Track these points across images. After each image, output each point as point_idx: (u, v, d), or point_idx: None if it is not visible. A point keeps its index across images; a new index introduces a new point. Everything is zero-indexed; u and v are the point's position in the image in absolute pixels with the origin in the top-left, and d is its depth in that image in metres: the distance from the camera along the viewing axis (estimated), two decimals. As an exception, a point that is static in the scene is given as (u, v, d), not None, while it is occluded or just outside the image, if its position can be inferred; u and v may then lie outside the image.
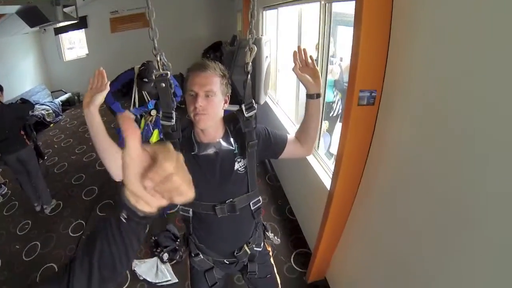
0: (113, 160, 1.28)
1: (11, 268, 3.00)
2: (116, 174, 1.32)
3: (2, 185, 4.36)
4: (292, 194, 3.38)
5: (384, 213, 1.65)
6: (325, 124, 3.13)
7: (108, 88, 1.22)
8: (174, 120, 1.24)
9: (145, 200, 0.54)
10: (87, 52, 8.35)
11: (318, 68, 2.30)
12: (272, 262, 1.72)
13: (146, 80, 2.84)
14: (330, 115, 3.28)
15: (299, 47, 1.31)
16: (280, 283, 1.73)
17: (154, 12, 1.13)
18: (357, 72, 1.46)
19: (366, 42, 1.41)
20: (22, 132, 3.51)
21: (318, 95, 1.32)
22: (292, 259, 2.74)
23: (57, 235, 3.35)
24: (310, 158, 2.56)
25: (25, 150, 3.53)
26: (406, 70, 1.35)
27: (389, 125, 1.53)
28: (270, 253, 1.71)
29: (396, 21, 1.37)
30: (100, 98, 1.20)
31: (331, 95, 3.19)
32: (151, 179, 0.49)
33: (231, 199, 1.32)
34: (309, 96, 1.33)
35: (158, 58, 1.20)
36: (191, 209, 1.38)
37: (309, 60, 1.30)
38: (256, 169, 1.38)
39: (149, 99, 3.14)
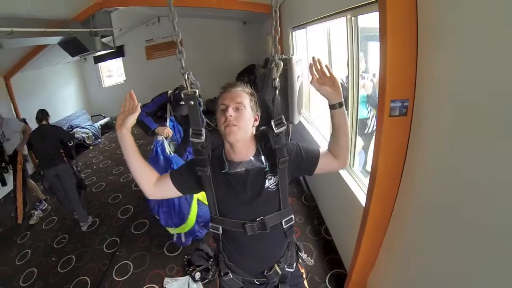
0: (145, 178, 1.36)
1: (46, 278, 3.13)
2: (149, 192, 1.39)
3: (43, 201, 4.63)
4: (328, 213, 3.30)
5: (422, 232, 1.55)
6: (361, 141, 3.07)
7: (139, 110, 1.27)
8: (203, 137, 1.25)
9: None
10: (124, 78, 8.80)
11: (349, 84, 2.30)
12: (306, 285, 1.64)
13: (182, 103, 2.94)
14: (365, 131, 3.22)
15: (313, 58, 1.31)
16: None
17: (180, 35, 1.17)
18: (387, 81, 1.42)
19: (393, 50, 1.39)
20: (62, 151, 3.86)
21: (341, 104, 1.29)
22: (327, 280, 2.63)
23: (91, 250, 3.47)
24: (345, 176, 2.50)
25: (63, 166, 3.86)
26: (438, 77, 1.30)
27: (424, 136, 1.46)
28: (304, 276, 1.64)
29: (422, 25, 1.35)
30: (132, 119, 1.26)
31: (365, 112, 3.14)
32: None
33: (262, 217, 1.30)
34: (332, 107, 1.30)
35: (186, 77, 1.22)
36: (221, 227, 1.37)
37: (325, 69, 1.28)
38: (292, 190, 1.36)
39: (179, 123, 3.26)
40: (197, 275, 2.76)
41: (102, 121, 8.34)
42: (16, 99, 5.88)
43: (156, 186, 1.37)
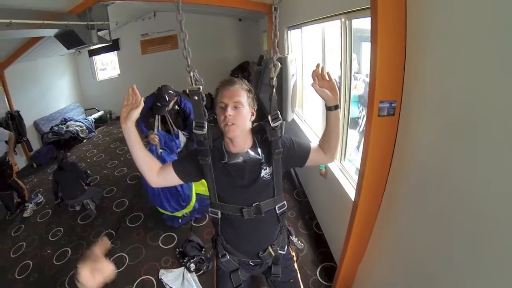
0: (149, 168, 1.46)
1: (42, 271, 3.17)
2: (152, 180, 1.48)
3: (39, 194, 4.65)
4: (319, 208, 3.39)
5: (409, 224, 1.64)
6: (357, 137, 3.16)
7: (142, 104, 1.33)
8: (205, 129, 1.36)
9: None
10: (119, 72, 8.79)
11: (342, 84, 2.38)
12: (296, 267, 1.77)
13: (159, 104, 3.01)
14: (356, 130, 3.30)
15: (318, 64, 1.40)
16: (300, 280, 1.77)
17: (187, 34, 1.27)
18: (376, 83, 1.52)
19: (383, 54, 1.48)
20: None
21: (337, 107, 1.39)
22: (318, 273, 2.74)
23: (87, 243, 3.51)
24: (337, 172, 2.59)
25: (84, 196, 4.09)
26: (424, 80, 1.39)
27: (410, 135, 1.55)
28: (294, 258, 1.77)
29: (411, 31, 1.43)
30: (136, 113, 1.33)
31: (357, 111, 3.22)
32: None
33: (258, 203, 1.42)
34: (328, 109, 1.41)
35: (191, 75, 1.32)
36: (219, 212, 1.48)
37: (326, 75, 1.37)
38: (284, 185, 1.46)
39: (172, 123, 3.33)
40: (192, 266, 2.84)
41: (96, 115, 8.32)
42: (10, 91, 5.85)
43: (159, 175, 1.47)
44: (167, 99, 3.04)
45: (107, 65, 9.40)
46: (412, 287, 1.62)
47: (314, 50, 3.62)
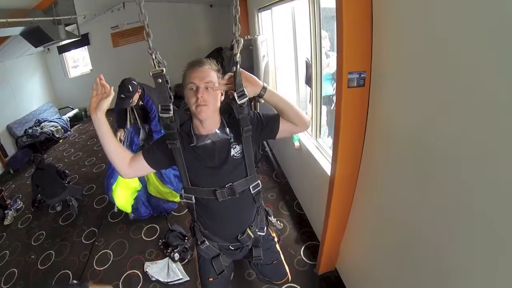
0: (120, 159, 1.41)
1: (28, 277, 3.09)
2: (124, 171, 1.44)
3: (18, 200, 4.51)
4: (299, 188, 3.43)
5: (387, 197, 1.65)
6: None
7: (112, 94, 1.30)
8: (172, 112, 1.31)
9: None
10: (91, 68, 8.53)
11: (312, 62, 2.36)
12: (278, 248, 1.76)
13: (122, 96, 2.92)
14: (332, 108, 3.31)
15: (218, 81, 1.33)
16: (291, 276, 1.78)
17: (147, 16, 1.20)
18: (344, 54, 1.50)
19: (349, 24, 1.46)
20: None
21: (265, 88, 1.31)
22: (302, 253, 2.77)
23: (70, 243, 3.44)
24: (313, 150, 2.60)
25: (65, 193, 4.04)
26: (393, 49, 1.39)
27: (382, 105, 1.56)
28: (275, 239, 1.76)
29: (376, 3, 1.42)
30: (106, 103, 1.28)
31: (330, 88, 3.22)
32: None
33: (231, 183, 1.39)
34: (259, 96, 1.32)
35: (154, 57, 1.27)
36: (193, 196, 1.45)
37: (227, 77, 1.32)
38: (263, 167, 1.43)
39: (137, 115, 3.25)
40: (176, 255, 2.83)
41: (71, 113, 8.08)
42: (-23, 96, 5.59)
43: (130, 166, 1.43)
44: (131, 89, 2.93)
45: (79, 62, 9.11)
46: (396, 259, 1.65)
47: (285, 30, 3.59)
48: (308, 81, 2.83)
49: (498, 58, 0.87)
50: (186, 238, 3.08)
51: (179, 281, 2.66)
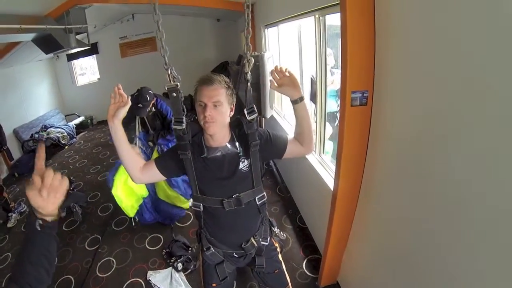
0: (134, 165, 1.49)
1: None
2: (136, 177, 1.52)
3: (22, 203, 4.55)
4: (302, 203, 3.46)
5: (388, 211, 1.70)
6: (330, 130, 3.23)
7: (129, 103, 1.38)
8: (184, 124, 1.40)
9: (44, 205, 0.89)
10: (98, 77, 8.66)
11: (317, 78, 2.44)
12: (281, 258, 1.83)
13: (140, 105, 3.02)
14: (335, 124, 3.38)
15: (276, 67, 1.46)
16: (285, 270, 1.83)
17: (164, 33, 1.31)
18: (348, 74, 1.58)
19: (353, 46, 1.54)
20: None
21: (302, 98, 1.45)
22: (304, 265, 2.79)
23: (73, 249, 3.46)
24: (316, 165, 2.65)
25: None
26: (394, 70, 1.46)
27: (383, 123, 1.62)
28: (278, 250, 1.83)
29: (379, 24, 1.51)
30: (123, 111, 1.37)
31: (334, 105, 3.30)
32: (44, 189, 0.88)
33: (237, 194, 1.47)
34: (294, 102, 1.45)
35: (169, 72, 1.36)
36: (201, 204, 1.54)
37: (284, 71, 1.43)
38: (267, 182, 1.51)
39: (149, 124, 3.35)
40: (179, 265, 2.86)
41: (77, 120, 8.16)
42: (-14, 100, 5.68)
43: (142, 172, 1.51)
44: (148, 99, 3.05)
45: (86, 70, 9.25)
46: (396, 273, 1.68)
47: (291, 47, 3.68)
48: (313, 98, 2.90)
49: (500, 71, 0.92)
50: (190, 248, 3.11)
51: (182, 291, 2.68)
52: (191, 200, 1.59)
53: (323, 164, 2.60)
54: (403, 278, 1.62)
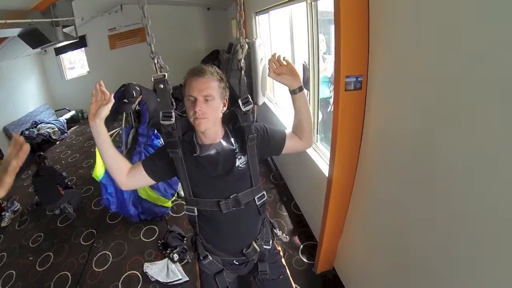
0: (118, 169, 1.36)
1: (26, 279, 3.09)
2: (122, 182, 1.38)
3: (15, 202, 4.49)
4: (296, 189, 3.47)
5: (383, 196, 1.69)
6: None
7: (112, 101, 1.24)
8: (173, 119, 1.26)
9: None
10: (88, 70, 8.53)
11: (310, 64, 2.41)
12: (284, 263, 1.67)
13: (126, 101, 2.97)
14: (328, 110, 3.36)
15: (273, 55, 1.36)
16: (289, 276, 1.66)
17: (149, 19, 1.22)
18: (341, 59, 1.55)
19: (346, 30, 1.51)
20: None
21: (301, 88, 1.35)
22: (300, 252, 2.80)
23: (69, 245, 3.45)
24: (310, 151, 2.64)
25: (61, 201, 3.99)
26: (388, 54, 1.43)
27: (378, 108, 1.60)
28: (281, 253, 1.68)
29: (373, 7, 1.47)
30: (105, 110, 1.22)
31: (327, 91, 3.27)
32: None
33: (235, 194, 1.34)
34: (292, 92, 1.35)
35: (155, 61, 1.25)
36: (196, 208, 1.39)
37: (282, 60, 1.34)
38: (260, 169, 1.37)
39: (134, 119, 3.30)
40: (175, 256, 2.86)
41: (67, 115, 8.06)
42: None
43: (129, 176, 1.37)
44: (134, 95, 3.01)
45: (76, 63, 9.10)
46: (392, 258, 1.68)
47: (282, 34, 3.64)
48: (305, 85, 2.87)
49: (496, 59, 0.91)
50: (185, 238, 3.11)
51: (179, 282, 2.69)
52: (174, 198, 1.45)
53: (317, 150, 2.59)
54: (397, 263, 1.63)
